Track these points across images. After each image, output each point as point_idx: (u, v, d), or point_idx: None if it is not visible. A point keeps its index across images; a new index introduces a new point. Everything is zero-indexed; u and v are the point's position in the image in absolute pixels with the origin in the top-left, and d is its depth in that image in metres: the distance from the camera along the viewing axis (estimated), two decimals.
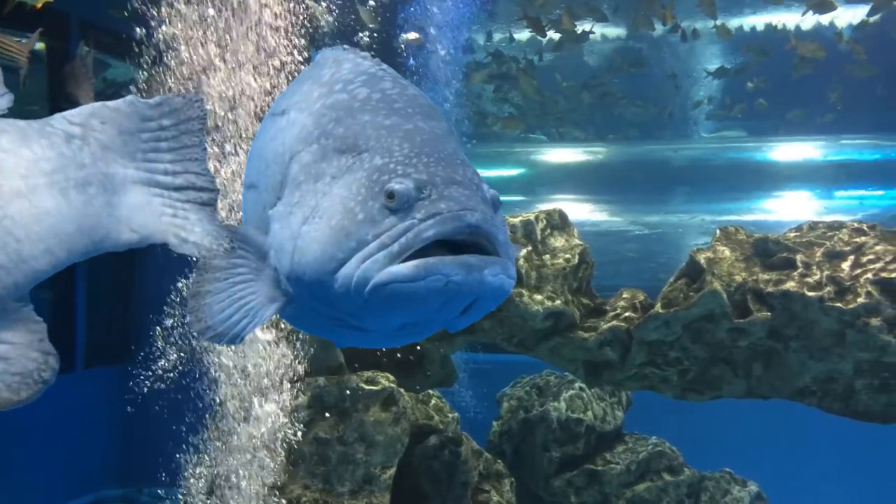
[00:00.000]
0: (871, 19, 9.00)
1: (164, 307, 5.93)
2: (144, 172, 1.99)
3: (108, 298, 8.19)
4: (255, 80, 4.71)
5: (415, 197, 1.86)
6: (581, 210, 12.95)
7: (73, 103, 5.68)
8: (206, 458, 5.40)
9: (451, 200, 1.85)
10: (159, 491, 7.87)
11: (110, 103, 1.97)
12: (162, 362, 6.20)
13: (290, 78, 4.73)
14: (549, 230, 5.91)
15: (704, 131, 13.22)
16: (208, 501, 5.31)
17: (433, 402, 6.64)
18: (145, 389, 6.53)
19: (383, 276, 1.82)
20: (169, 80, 4.71)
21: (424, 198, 1.87)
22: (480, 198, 1.91)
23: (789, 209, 12.23)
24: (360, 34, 7.57)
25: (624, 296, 5.73)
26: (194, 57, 4.65)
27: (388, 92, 2.20)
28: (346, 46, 2.50)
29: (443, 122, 2.20)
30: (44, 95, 7.38)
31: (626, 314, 5.53)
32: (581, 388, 7.42)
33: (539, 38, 10.02)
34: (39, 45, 7.14)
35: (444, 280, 1.78)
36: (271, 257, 2.11)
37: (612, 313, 5.61)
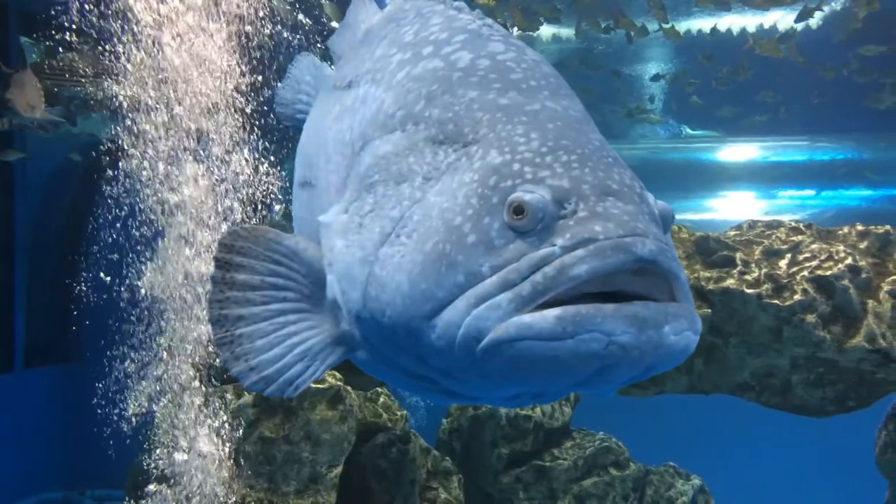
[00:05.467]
0: (799, 26, 9.23)
1: (107, 304, 5.82)
2: None
3: (48, 295, 8.00)
4: None
5: (553, 213, 1.32)
6: None
7: (14, 112, 5.44)
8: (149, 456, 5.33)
9: (610, 220, 1.30)
10: (104, 492, 7.72)
11: None
12: (105, 361, 6.08)
13: None
14: None
15: (664, 131, 13.43)
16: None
17: (382, 399, 6.63)
18: (87, 389, 6.39)
19: (509, 330, 1.28)
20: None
21: (567, 214, 1.32)
22: (648, 215, 1.35)
23: (734, 208, 12.54)
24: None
25: None
26: None
27: (501, 57, 1.60)
28: None
29: (577, 101, 1.64)
30: None
31: None
32: None
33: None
34: None
35: (603, 340, 1.23)
36: (331, 285, 1.57)
37: None
